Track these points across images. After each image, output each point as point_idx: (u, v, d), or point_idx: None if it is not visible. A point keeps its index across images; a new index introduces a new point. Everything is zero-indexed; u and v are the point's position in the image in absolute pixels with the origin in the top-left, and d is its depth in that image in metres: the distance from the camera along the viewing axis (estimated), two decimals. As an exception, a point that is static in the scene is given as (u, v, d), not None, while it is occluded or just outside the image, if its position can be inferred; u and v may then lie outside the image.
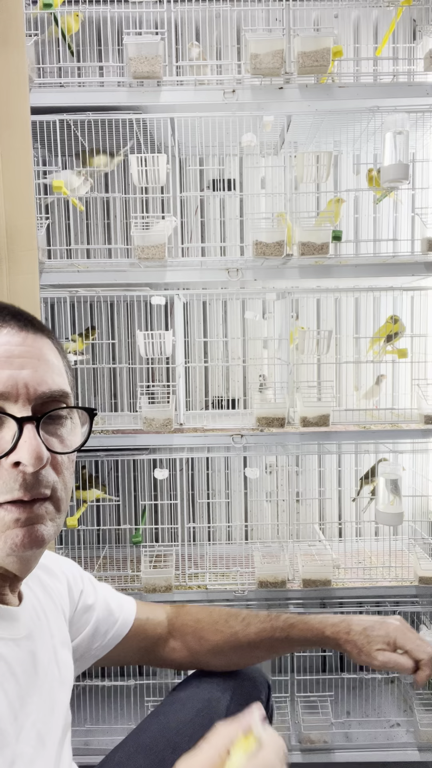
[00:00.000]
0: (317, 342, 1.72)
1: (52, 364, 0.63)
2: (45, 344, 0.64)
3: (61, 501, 0.63)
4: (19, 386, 0.59)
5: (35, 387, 0.60)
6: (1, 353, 0.59)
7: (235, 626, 0.94)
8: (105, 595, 0.92)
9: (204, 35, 1.84)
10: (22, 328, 0.62)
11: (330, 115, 1.60)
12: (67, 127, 1.61)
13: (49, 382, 0.61)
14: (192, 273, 1.59)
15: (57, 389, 0.62)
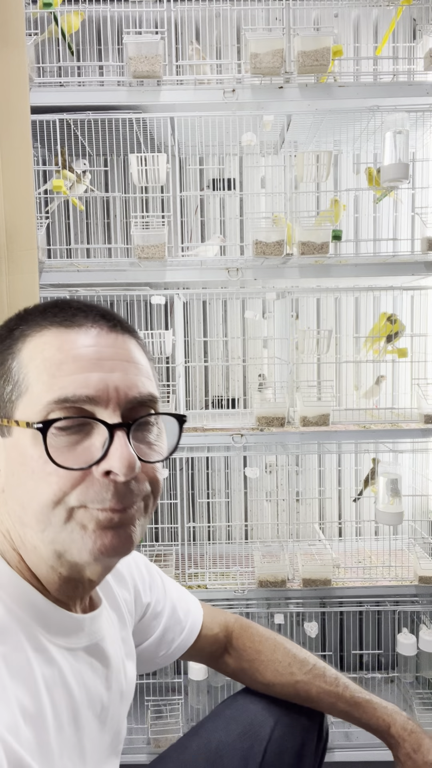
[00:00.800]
0: (317, 341, 1.72)
1: (142, 366, 0.61)
2: (133, 345, 0.62)
3: (150, 507, 0.61)
4: (110, 390, 0.56)
5: (126, 391, 0.57)
6: (91, 354, 0.57)
7: (296, 675, 0.87)
8: (173, 598, 0.88)
9: (204, 34, 1.84)
10: (112, 329, 0.60)
11: (330, 115, 1.60)
12: (67, 127, 1.61)
13: (139, 386, 0.59)
14: (192, 272, 1.59)
15: (147, 393, 0.59)
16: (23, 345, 0.58)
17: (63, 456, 0.54)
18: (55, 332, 0.58)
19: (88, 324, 0.59)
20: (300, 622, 1.84)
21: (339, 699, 0.85)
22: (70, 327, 0.58)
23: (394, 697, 1.87)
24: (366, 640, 2.00)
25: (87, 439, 0.55)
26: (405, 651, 1.70)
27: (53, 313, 0.60)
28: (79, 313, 0.60)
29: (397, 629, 1.77)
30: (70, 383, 0.55)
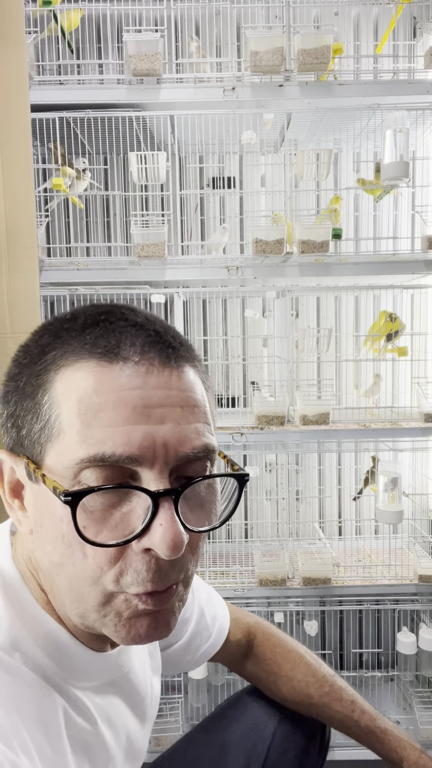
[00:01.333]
0: (317, 340, 1.72)
1: (199, 408, 0.50)
2: (192, 379, 0.50)
3: (192, 577, 0.53)
4: (156, 447, 0.46)
5: (176, 447, 0.47)
6: (137, 401, 0.46)
7: (313, 697, 0.84)
8: (201, 602, 0.82)
9: (204, 33, 1.83)
10: (165, 363, 0.48)
11: (330, 113, 1.59)
12: (66, 125, 1.61)
13: (193, 440, 0.48)
14: (192, 271, 1.59)
15: (201, 447, 0.49)
16: (56, 376, 0.48)
17: (97, 527, 0.46)
18: (93, 367, 0.47)
19: (136, 357, 0.48)
20: (300, 621, 1.84)
21: (353, 725, 0.84)
22: (113, 362, 0.47)
23: (393, 696, 1.87)
24: (366, 639, 2.00)
25: (126, 503, 0.47)
26: (405, 650, 1.70)
27: (94, 336, 0.48)
28: (124, 340, 0.48)
29: (396, 628, 1.77)
30: (108, 438, 0.45)
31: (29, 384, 0.49)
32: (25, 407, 0.49)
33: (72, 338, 0.49)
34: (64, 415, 0.46)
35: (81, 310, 0.52)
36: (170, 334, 0.51)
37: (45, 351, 0.50)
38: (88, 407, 0.46)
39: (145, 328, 0.50)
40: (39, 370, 0.49)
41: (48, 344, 0.50)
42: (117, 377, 0.47)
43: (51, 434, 0.47)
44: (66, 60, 1.76)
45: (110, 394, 0.46)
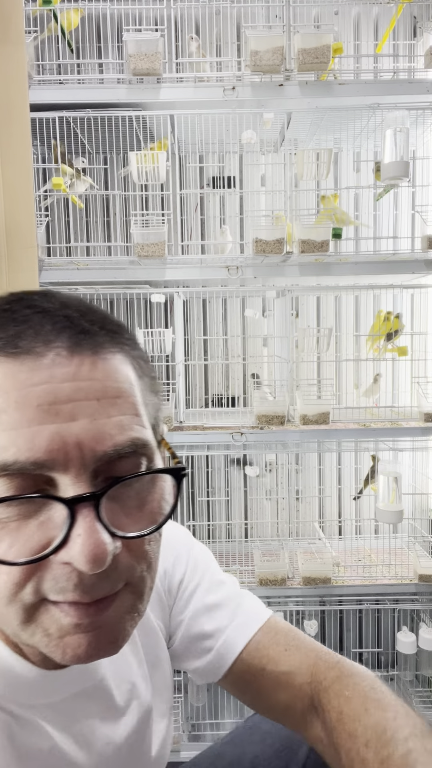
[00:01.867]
0: (317, 340, 1.72)
1: (122, 398, 0.43)
2: (112, 367, 0.44)
3: (144, 584, 0.45)
4: (68, 448, 0.40)
5: (93, 446, 0.41)
6: (41, 397, 0.40)
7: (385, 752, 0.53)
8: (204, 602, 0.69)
9: (204, 32, 1.83)
10: (75, 351, 0.42)
11: (330, 112, 1.59)
12: (66, 125, 1.61)
13: (115, 435, 0.42)
14: (192, 270, 1.59)
15: (126, 442, 0.42)
16: None
17: (9, 540, 0.40)
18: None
19: (40, 346, 0.41)
20: (300, 621, 1.85)
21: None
22: (15, 355, 0.41)
23: (393, 696, 1.87)
24: (366, 639, 2.00)
25: (42, 512, 0.41)
26: (405, 649, 1.70)
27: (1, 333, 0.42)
28: (26, 330, 0.42)
29: (396, 627, 1.77)
30: (11, 443, 0.39)
31: None
32: None
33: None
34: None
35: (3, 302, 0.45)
36: (87, 317, 0.44)
37: None
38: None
39: (53, 313, 0.43)
40: None
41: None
42: (17, 372, 0.40)
43: None
44: (66, 59, 1.76)
45: (11, 393, 0.40)
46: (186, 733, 1.71)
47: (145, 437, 0.44)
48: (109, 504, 0.41)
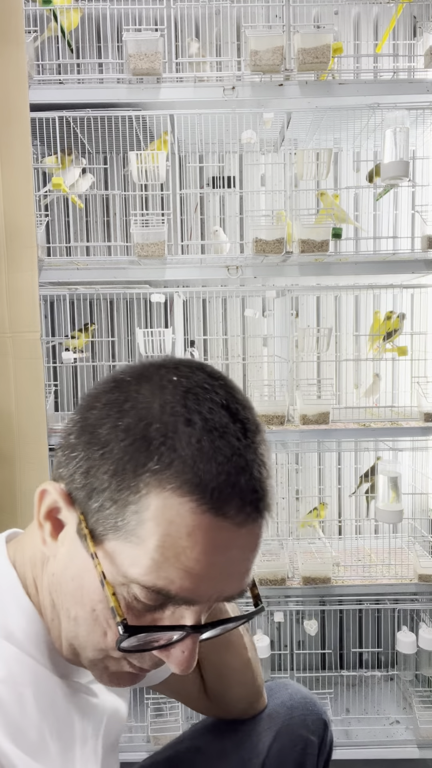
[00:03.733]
0: (317, 339, 1.72)
1: (256, 557, 0.53)
2: (264, 532, 0.52)
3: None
4: (213, 597, 0.50)
5: (227, 593, 0.51)
6: (219, 560, 0.49)
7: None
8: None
9: (204, 32, 1.83)
10: (256, 520, 0.50)
11: (330, 112, 1.59)
12: (66, 124, 1.61)
13: (243, 585, 0.52)
14: (191, 270, 1.59)
15: (245, 591, 0.54)
16: (154, 494, 0.47)
17: (132, 621, 0.51)
18: (195, 510, 0.47)
19: (238, 518, 0.48)
20: (300, 621, 1.85)
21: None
22: (217, 517, 0.47)
23: (393, 696, 1.87)
24: (365, 638, 2.00)
25: (159, 612, 0.51)
26: (404, 649, 1.70)
27: (205, 464, 0.47)
28: (235, 489, 0.48)
29: (396, 627, 1.77)
30: (179, 579, 0.48)
31: (122, 466, 0.48)
32: (104, 481, 0.49)
33: (183, 451, 0.47)
34: (147, 534, 0.47)
35: (195, 407, 0.49)
36: (269, 490, 0.51)
37: (149, 443, 0.48)
38: (172, 545, 0.47)
39: (251, 472, 0.49)
40: (139, 463, 0.48)
41: (157, 438, 0.48)
42: (212, 531, 0.47)
43: (124, 534, 0.48)
44: (66, 59, 1.76)
45: (197, 546, 0.47)
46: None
47: (250, 583, 0.54)
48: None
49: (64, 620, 0.54)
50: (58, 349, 1.90)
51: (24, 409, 1.51)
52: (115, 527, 0.49)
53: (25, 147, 1.45)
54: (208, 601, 0.50)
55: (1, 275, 1.49)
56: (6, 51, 1.43)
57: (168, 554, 0.47)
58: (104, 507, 0.49)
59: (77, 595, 0.52)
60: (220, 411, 0.50)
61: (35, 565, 0.57)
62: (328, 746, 0.86)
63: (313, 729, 0.82)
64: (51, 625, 0.56)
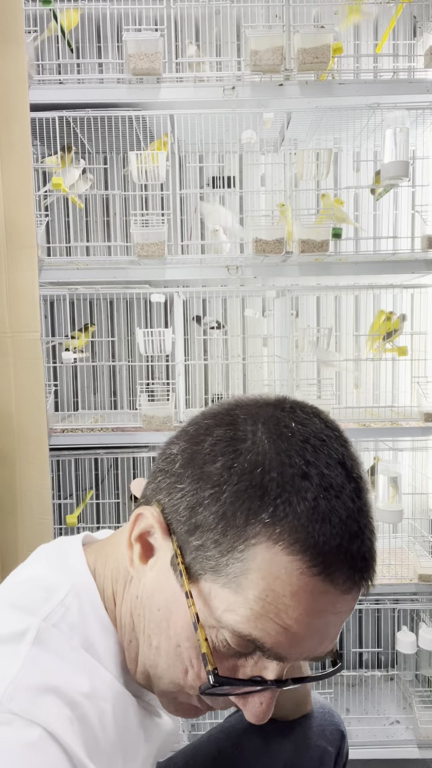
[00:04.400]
0: (317, 339, 1.72)
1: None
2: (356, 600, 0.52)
3: None
4: (302, 657, 0.50)
5: (315, 655, 0.51)
6: (318, 624, 0.48)
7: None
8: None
9: (204, 32, 1.83)
10: (357, 588, 0.50)
11: (330, 112, 1.59)
12: (66, 124, 1.61)
13: (332, 647, 0.52)
14: (191, 270, 1.59)
15: (331, 650, 0.53)
16: (265, 543, 0.46)
17: (223, 667, 0.51)
18: (303, 573, 0.46)
19: (343, 586, 0.48)
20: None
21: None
22: (324, 581, 0.47)
23: (393, 696, 1.87)
24: (365, 638, 2.00)
25: (241, 660, 0.51)
26: (404, 649, 1.70)
27: (320, 525, 0.46)
28: (345, 564, 0.48)
29: (396, 627, 1.78)
30: (276, 634, 0.47)
31: (233, 510, 0.47)
32: (211, 522, 0.48)
33: (298, 506, 0.46)
34: (249, 584, 0.46)
35: (313, 461, 0.48)
36: (374, 557, 0.53)
37: (266, 495, 0.47)
38: (274, 600, 0.46)
39: (369, 534, 0.52)
40: (253, 512, 0.47)
41: (273, 488, 0.47)
42: (318, 595, 0.47)
43: (224, 579, 0.48)
44: (66, 59, 1.76)
45: (300, 607, 0.46)
46: (186, 733, 1.71)
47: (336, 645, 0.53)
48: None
49: (144, 646, 0.54)
50: (58, 349, 1.90)
51: (24, 409, 1.51)
52: (215, 570, 0.48)
53: (25, 147, 1.45)
54: (297, 659, 0.50)
55: (1, 275, 1.49)
56: (6, 51, 1.43)
57: (268, 608, 0.46)
58: (206, 547, 0.48)
59: (163, 626, 0.51)
60: (337, 467, 0.49)
61: (117, 581, 0.56)
62: (345, 757, 0.85)
63: (331, 739, 0.81)
64: (127, 645, 0.56)
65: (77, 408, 2.00)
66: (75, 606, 0.53)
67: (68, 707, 0.46)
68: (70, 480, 1.81)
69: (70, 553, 0.59)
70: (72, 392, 2.01)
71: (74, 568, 0.57)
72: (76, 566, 0.57)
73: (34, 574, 0.58)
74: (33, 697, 0.45)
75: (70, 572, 0.57)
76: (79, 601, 0.54)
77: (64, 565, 0.58)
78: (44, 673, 0.47)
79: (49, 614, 0.51)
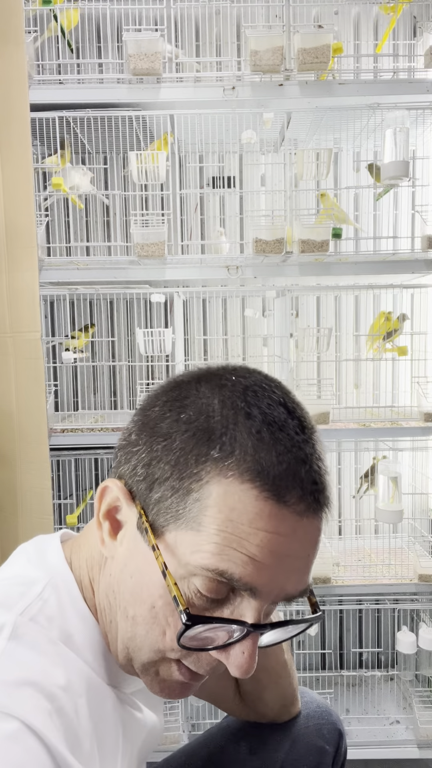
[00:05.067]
0: (317, 339, 1.72)
1: (316, 556, 0.53)
2: (321, 528, 0.53)
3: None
4: (275, 591, 0.50)
5: (288, 591, 0.51)
6: (278, 549, 0.49)
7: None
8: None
9: (204, 32, 1.83)
10: (316, 513, 0.51)
11: (330, 112, 1.59)
12: (66, 125, 1.61)
13: (304, 584, 0.52)
14: (191, 270, 1.59)
15: (305, 591, 0.53)
16: (216, 481, 0.49)
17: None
18: (257, 497, 0.48)
19: (299, 506, 0.49)
20: (300, 620, 1.84)
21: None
22: (276, 502, 0.48)
23: (393, 696, 1.87)
24: (365, 638, 2.00)
25: (219, 611, 0.51)
26: (404, 649, 1.70)
27: (268, 459, 0.49)
28: (296, 479, 0.49)
29: (396, 627, 1.78)
30: (242, 564, 0.48)
31: (184, 455, 0.50)
32: (166, 471, 0.51)
33: (245, 441, 0.49)
34: (209, 520, 0.48)
35: (255, 402, 0.51)
36: (327, 483, 0.53)
37: (212, 435, 0.50)
38: (235, 530, 0.48)
39: (311, 463, 0.51)
40: (200, 453, 0.49)
41: (219, 429, 0.50)
42: (274, 519, 0.48)
43: (185, 524, 0.49)
44: (66, 59, 1.76)
45: (260, 533, 0.48)
46: (186, 733, 1.71)
47: (311, 585, 0.54)
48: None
49: (122, 621, 0.54)
50: (58, 349, 1.90)
51: (24, 409, 1.51)
52: (176, 516, 0.50)
53: (25, 147, 1.45)
54: (269, 595, 0.50)
55: (1, 275, 1.49)
56: (6, 51, 1.43)
57: (231, 539, 0.48)
58: (165, 497, 0.51)
59: (136, 592, 0.52)
60: (278, 407, 0.52)
61: (92, 568, 0.57)
62: (343, 756, 0.85)
63: (329, 738, 0.82)
64: (108, 628, 0.56)
65: (77, 408, 2.00)
66: (53, 599, 0.54)
67: (47, 700, 0.47)
68: (70, 480, 1.81)
69: (48, 548, 0.60)
70: (72, 392, 2.01)
71: (51, 562, 0.58)
72: (53, 560, 0.58)
73: (13, 572, 0.58)
74: (10, 690, 0.45)
75: (47, 566, 0.58)
76: (57, 594, 0.55)
77: (42, 560, 0.59)
78: (21, 668, 0.47)
79: (26, 608, 0.52)
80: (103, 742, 0.54)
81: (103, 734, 0.54)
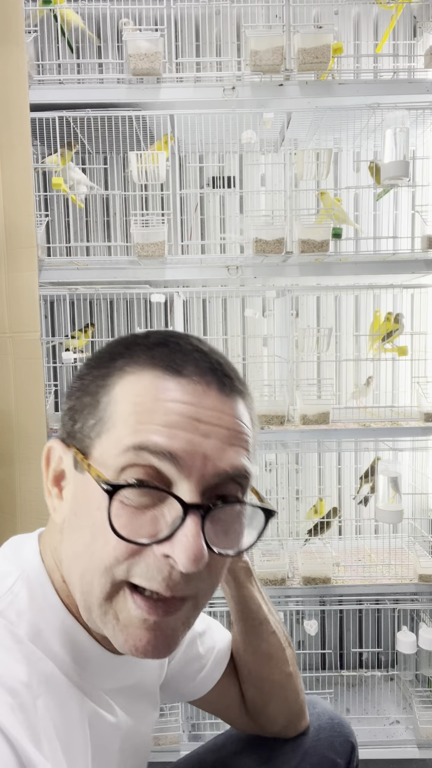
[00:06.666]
0: (317, 339, 1.72)
1: (243, 435, 0.53)
2: (241, 409, 0.54)
3: (203, 601, 0.54)
4: (197, 456, 0.49)
5: (215, 462, 0.50)
6: (187, 413, 0.50)
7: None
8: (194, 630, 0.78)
9: (204, 32, 1.83)
10: (221, 390, 0.53)
11: (330, 112, 1.59)
12: (66, 124, 1.61)
13: (232, 458, 0.51)
14: (191, 270, 1.59)
15: (240, 467, 0.52)
16: (119, 380, 0.52)
17: (127, 521, 0.48)
18: (156, 376, 0.51)
19: (196, 377, 0.52)
20: (300, 621, 1.85)
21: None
22: (174, 375, 0.51)
23: (393, 696, 1.87)
24: (366, 638, 2.00)
25: (158, 506, 0.49)
26: (404, 649, 1.70)
27: (161, 352, 0.53)
28: (189, 361, 0.53)
29: (396, 627, 1.77)
30: (156, 432, 0.49)
31: (93, 383, 0.54)
32: (83, 402, 0.54)
33: (141, 351, 0.54)
34: (119, 413, 0.51)
35: (154, 332, 0.57)
36: (230, 366, 0.56)
37: (114, 358, 0.54)
38: (143, 408, 0.50)
39: (209, 356, 0.55)
40: (105, 372, 0.54)
41: (118, 353, 0.55)
42: (175, 389, 0.51)
43: (103, 429, 0.51)
44: (66, 59, 1.76)
45: (167, 403, 0.50)
46: (186, 733, 1.71)
47: (251, 470, 0.54)
48: (209, 518, 0.49)
49: (73, 565, 0.53)
50: (58, 349, 1.90)
51: (24, 410, 1.51)
52: (98, 430, 0.52)
53: (25, 147, 1.45)
54: (193, 463, 0.49)
55: (1, 275, 1.49)
56: (6, 51, 1.43)
57: (143, 417, 0.50)
58: (86, 420, 0.53)
59: (81, 521, 0.52)
60: (194, 353, 0.54)
61: (55, 549, 0.57)
62: (356, 765, 0.84)
63: (341, 751, 0.81)
64: (77, 598, 0.54)
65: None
66: (23, 592, 0.54)
67: (9, 695, 0.46)
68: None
69: (24, 545, 0.60)
70: (72, 392, 2.01)
71: (25, 556, 0.58)
72: (27, 555, 0.58)
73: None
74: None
75: (20, 561, 0.58)
76: (28, 586, 0.55)
77: (17, 556, 0.59)
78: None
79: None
80: (70, 743, 0.52)
81: (69, 734, 0.52)
